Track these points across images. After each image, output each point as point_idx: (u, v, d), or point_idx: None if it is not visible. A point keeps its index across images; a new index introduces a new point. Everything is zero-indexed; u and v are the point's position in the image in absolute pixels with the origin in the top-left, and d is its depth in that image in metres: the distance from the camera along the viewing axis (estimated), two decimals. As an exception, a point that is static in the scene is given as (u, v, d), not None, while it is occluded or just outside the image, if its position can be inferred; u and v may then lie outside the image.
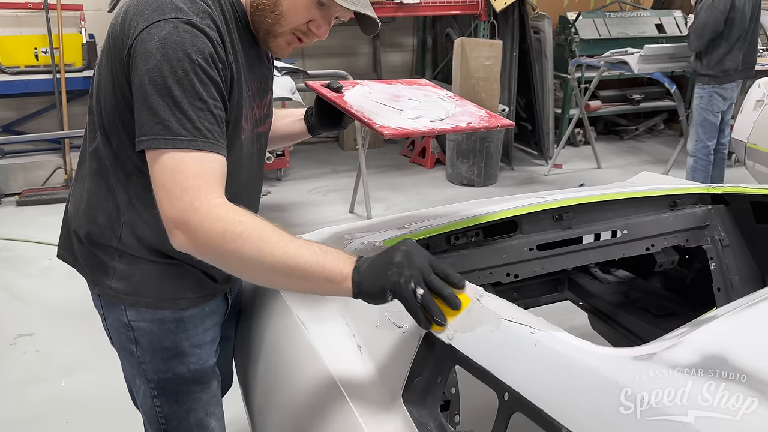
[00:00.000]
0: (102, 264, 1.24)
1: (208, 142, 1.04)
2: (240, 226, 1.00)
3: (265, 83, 1.32)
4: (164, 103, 1.02)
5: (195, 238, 1.01)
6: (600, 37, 5.84)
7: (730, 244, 1.85)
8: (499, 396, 0.90)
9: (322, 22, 1.19)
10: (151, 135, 1.03)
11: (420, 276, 0.97)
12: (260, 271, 1.02)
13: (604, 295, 2.14)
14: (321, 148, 6.00)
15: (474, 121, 1.51)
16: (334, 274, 1.00)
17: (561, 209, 1.74)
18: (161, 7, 1.05)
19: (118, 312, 1.26)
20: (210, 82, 1.06)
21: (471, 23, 5.39)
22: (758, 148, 3.80)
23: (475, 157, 4.99)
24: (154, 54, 1.02)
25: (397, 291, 0.97)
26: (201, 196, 1.01)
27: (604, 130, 6.56)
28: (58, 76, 4.67)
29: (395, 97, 1.56)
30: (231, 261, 1.02)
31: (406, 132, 1.40)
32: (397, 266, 0.97)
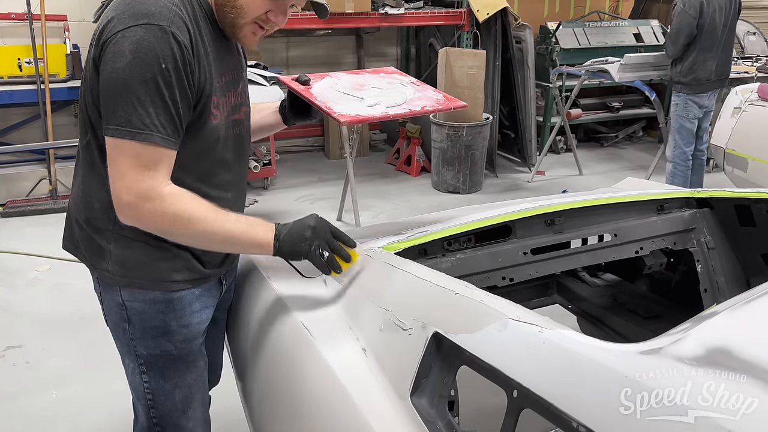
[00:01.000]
0: (99, 248, 1.36)
1: (162, 137, 1.20)
2: (187, 211, 1.24)
3: (237, 74, 1.44)
4: (128, 99, 1.16)
5: (146, 219, 1.23)
6: (580, 47, 5.95)
7: (716, 246, 1.91)
8: (508, 393, 0.93)
9: (278, 11, 1.32)
10: (115, 125, 1.18)
11: (325, 243, 1.35)
12: (201, 241, 1.30)
13: (592, 298, 2.18)
14: (306, 157, 6.02)
15: (429, 105, 1.62)
16: (259, 241, 1.32)
17: (553, 214, 1.78)
18: (136, 13, 1.18)
19: (113, 293, 1.37)
20: (175, 84, 1.19)
21: (454, 33, 5.47)
22: (737, 153, 3.90)
23: (460, 165, 5.04)
24: (126, 55, 1.16)
25: (309, 257, 1.35)
26: (155, 185, 1.21)
27: (584, 137, 6.67)
28: (42, 87, 4.64)
29: (359, 86, 1.66)
30: (176, 237, 1.28)
31: (362, 118, 1.52)
32: (308, 239, 1.34)
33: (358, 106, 1.54)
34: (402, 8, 5.11)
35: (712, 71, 4.25)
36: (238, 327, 1.65)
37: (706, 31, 4.15)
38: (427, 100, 1.64)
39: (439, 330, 1.09)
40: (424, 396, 1.08)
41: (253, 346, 1.55)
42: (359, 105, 1.55)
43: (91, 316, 3.15)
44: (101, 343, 2.92)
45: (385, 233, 1.78)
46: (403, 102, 1.60)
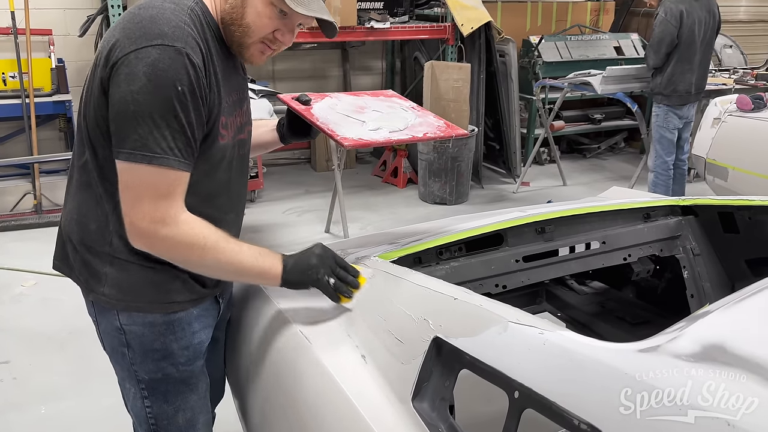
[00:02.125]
0: (95, 272, 1.32)
1: (177, 160, 1.18)
2: (203, 240, 1.23)
3: (243, 93, 1.43)
4: (144, 122, 1.13)
5: (160, 246, 1.22)
6: (562, 60, 6.05)
7: (701, 252, 1.96)
8: (510, 395, 0.95)
9: (286, 30, 1.31)
10: (129, 149, 1.15)
11: (330, 271, 1.36)
12: (213, 270, 1.31)
13: (581, 306, 2.22)
14: (293, 170, 6.04)
15: (431, 131, 1.62)
16: (267, 272, 1.33)
17: (543, 222, 1.82)
18: (148, 33, 1.15)
19: (110, 317, 1.33)
20: (190, 106, 1.17)
21: (439, 47, 5.54)
22: (717, 163, 3.99)
23: (447, 176, 5.09)
24: (140, 77, 1.13)
25: (317, 285, 1.36)
26: (171, 213, 1.19)
27: (567, 148, 6.77)
28: (27, 101, 4.62)
29: (360, 109, 1.67)
30: (188, 264, 1.28)
31: (365, 142, 1.53)
32: (313, 267, 1.35)
33: (360, 130, 1.54)
34: (387, 22, 5.17)
35: (692, 83, 4.34)
36: (235, 339, 1.65)
37: (684, 42, 4.24)
38: (429, 126, 1.65)
39: (439, 334, 1.11)
40: (425, 400, 1.10)
41: (250, 357, 1.55)
42: (361, 128, 1.55)
43: (79, 331, 3.13)
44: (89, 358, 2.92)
45: (378, 242, 1.81)
46: (405, 127, 1.60)
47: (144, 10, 1.19)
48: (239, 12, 1.26)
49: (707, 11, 4.30)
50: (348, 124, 1.55)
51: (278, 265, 1.33)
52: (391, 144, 1.61)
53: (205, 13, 1.26)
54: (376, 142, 1.56)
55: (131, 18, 1.19)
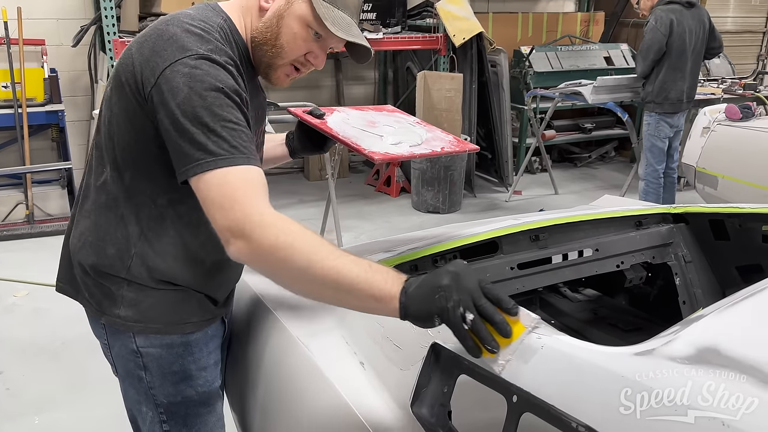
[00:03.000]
0: (109, 293, 1.27)
1: (245, 156, 1.10)
2: (291, 235, 1.04)
3: (262, 112, 1.41)
4: (198, 130, 1.08)
5: (251, 245, 1.04)
6: (553, 70, 6.11)
7: (692, 259, 1.98)
8: (508, 399, 0.97)
9: (319, 52, 1.28)
10: (194, 162, 1.08)
11: (470, 300, 0.93)
12: (309, 282, 1.04)
13: (574, 313, 2.24)
14: (286, 179, 6.05)
15: (446, 146, 1.65)
16: (382, 293, 1.00)
17: (537, 230, 1.84)
18: (182, 46, 1.12)
19: (125, 340, 1.29)
20: (236, 107, 1.12)
21: (431, 57, 5.58)
22: (707, 171, 4.04)
23: (440, 185, 5.12)
24: (181, 88, 1.09)
25: (445, 316, 0.94)
26: (250, 204, 1.07)
27: (558, 158, 6.82)
28: (20, 111, 4.61)
29: (371, 123, 1.67)
30: (281, 270, 1.06)
31: (392, 156, 1.52)
32: (445, 290, 0.95)
33: (382, 144, 1.54)
34: (380, 33, 5.21)
35: (683, 92, 4.39)
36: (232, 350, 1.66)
37: (675, 50, 4.29)
38: (442, 141, 1.68)
39: (437, 340, 1.12)
40: (424, 405, 1.11)
41: (248, 368, 1.56)
42: (382, 142, 1.54)
43: (72, 341, 3.12)
44: (83, 369, 2.91)
45: (375, 250, 1.82)
46: (422, 142, 1.62)
47: (172, 27, 1.15)
48: (274, 32, 1.23)
49: (698, 21, 4.36)
50: (367, 138, 1.54)
51: (396, 286, 1.00)
52: (415, 158, 1.63)
53: (233, 32, 1.24)
54: (402, 156, 1.54)
55: (159, 35, 1.15)
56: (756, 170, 3.72)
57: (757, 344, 0.77)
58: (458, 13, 5.28)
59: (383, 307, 1.01)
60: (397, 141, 1.58)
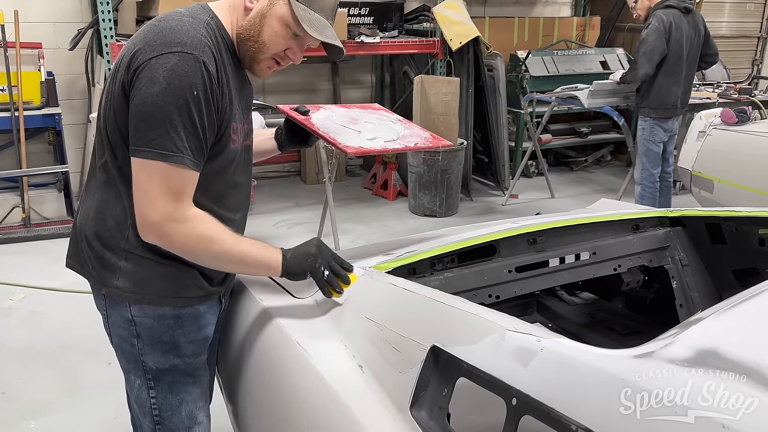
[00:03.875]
0: (110, 265, 1.40)
1: (191, 159, 1.27)
2: (210, 233, 1.33)
3: (249, 103, 1.54)
4: (162, 123, 1.23)
5: (170, 239, 1.30)
6: (549, 74, 6.13)
7: (689, 263, 1.99)
8: (507, 401, 0.97)
9: (296, 49, 1.43)
10: (147, 147, 1.24)
11: (327, 263, 1.45)
12: (218, 262, 1.38)
13: (571, 317, 2.24)
14: (283, 183, 6.05)
15: (420, 142, 1.76)
16: (270, 262, 1.42)
17: (535, 233, 1.85)
18: (169, 41, 1.26)
19: (122, 309, 1.42)
20: (204, 110, 1.27)
21: (428, 61, 5.59)
22: (702, 175, 4.05)
23: (437, 189, 5.13)
24: (160, 81, 1.23)
25: (313, 273, 1.43)
26: (181, 208, 1.28)
27: (555, 161, 6.83)
28: (17, 114, 4.60)
29: (354, 120, 1.78)
30: (196, 257, 1.36)
31: (366, 150, 1.65)
32: (312, 256, 1.44)
33: (358, 139, 1.65)
34: (377, 37, 5.22)
35: (678, 97, 4.41)
36: (229, 348, 1.66)
37: (672, 55, 4.30)
38: (418, 137, 1.78)
39: (436, 343, 1.12)
40: (423, 408, 1.12)
41: (246, 367, 1.56)
42: (358, 137, 1.66)
43: (68, 345, 3.11)
44: (79, 372, 2.90)
45: (373, 253, 1.82)
46: (397, 138, 1.73)
47: (164, 22, 1.30)
48: (257, 29, 1.37)
49: (693, 27, 4.37)
50: (346, 133, 1.66)
51: (279, 256, 1.42)
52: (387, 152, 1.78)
53: (220, 28, 1.37)
54: (375, 150, 1.67)
55: (152, 29, 1.30)
56: (751, 174, 3.74)
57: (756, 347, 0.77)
58: (455, 17, 5.29)
59: (272, 271, 1.43)
60: (373, 136, 1.69)
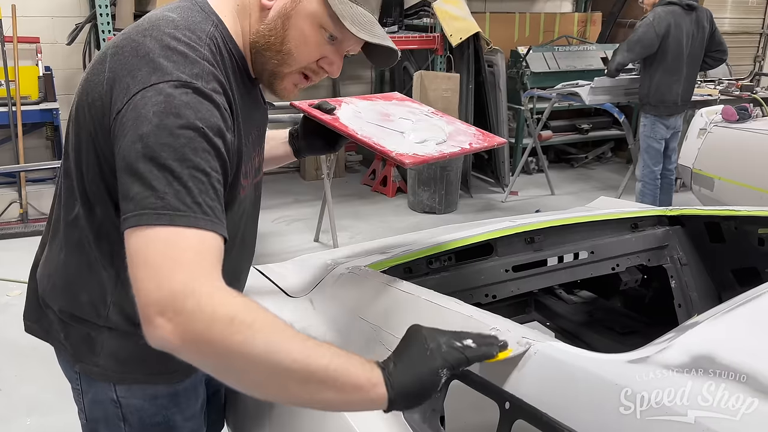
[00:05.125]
0: (86, 339, 1.10)
1: (209, 220, 0.88)
2: (251, 313, 0.82)
3: (263, 128, 1.22)
4: (159, 173, 0.86)
5: (189, 327, 0.80)
6: (549, 70, 6.10)
7: (688, 262, 1.98)
8: (500, 405, 0.96)
9: (334, 57, 1.08)
10: (141, 209, 0.85)
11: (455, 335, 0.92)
12: (270, 373, 0.82)
13: (569, 315, 2.23)
14: (282, 178, 6.03)
15: (473, 141, 1.46)
16: (361, 380, 0.84)
17: (532, 232, 1.83)
18: (159, 67, 0.91)
19: (103, 388, 1.13)
20: (214, 152, 0.92)
21: (428, 57, 5.57)
22: (703, 173, 4.03)
23: (436, 185, 5.11)
24: (150, 118, 0.88)
25: (452, 357, 0.88)
26: (200, 275, 0.83)
27: (555, 158, 6.81)
28: (14, 109, 4.59)
29: (386, 116, 1.46)
30: (233, 358, 0.81)
31: (424, 158, 1.29)
32: (430, 341, 0.90)
33: (405, 142, 1.32)
34: (377, 32, 5.19)
35: (678, 95, 4.38)
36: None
37: (671, 53, 4.28)
38: (467, 135, 1.48)
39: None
40: (416, 411, 1.10)
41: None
42: (404, 140, 1.34)
43: (65, 341, 3.10)
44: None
45: (369, 252, 1.81)
46: (447, 138, 1.42)
47: (151, 40, 0.94)
48: (279, 35, 1.03)
49: (696, 24, 4.34)
50: (388, 136, 1.33)
51: (375, 368, 0.87)
52: (445, 158, 1.39)
53: (226, 39, 1.03)
54: (433, 157, 1.31)
55: (134, 48, 0.94)
56: (752, 172, 3.71)
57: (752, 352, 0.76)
58: (455, 12, 5.26)
59: (363, 396, 0.85)
60: (421, 139, 1.36)
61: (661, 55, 4.29)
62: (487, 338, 0.93)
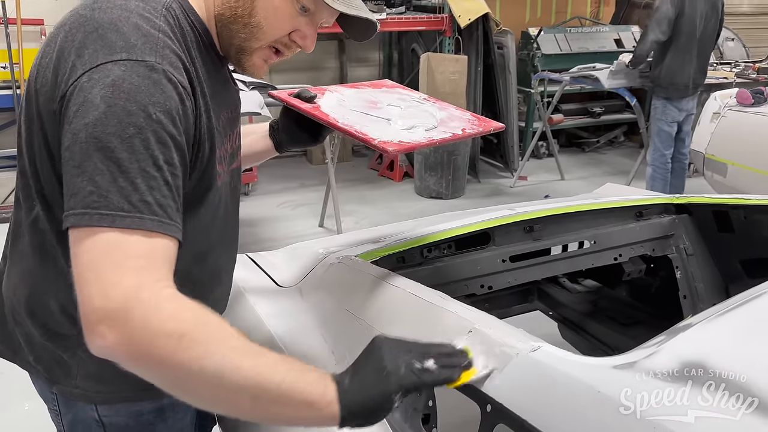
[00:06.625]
0: (61, 361, 1.01)
1: (159, 220, 0.80)
2: (201, 329, 0.77)
3: (235, 110, 1.13)
4: (104, 167, 0.78)
5: (133, 340, 0.75)
6: (561, 52, 5.98)
7: (695, 252, 1.91)
8: (482, 408, 0.91)
9: (307, 30, 1.01)
10: (83, 208, 0.78)
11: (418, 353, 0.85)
12: (219, 391, 0.77)
13: (572, 305, 2.18)
14: (288, 162, 5.98)
15: (467, 127, 1.40)
16: (314, 397, 0.79)
17: (531, 221, 1.77)
18: (109, 44, 0.82)
19: (83, 408, 1.05)
20: (171, 142, 0.83)
21: (436, 39, 5.47)
22: (716, 158, 3.93)
23: (443, 170, 5.04)
24: (96, 104, 0.79)
25: (407, 382, 0.81)
26: (148, 282, 0.77)
27: (566, 142, 6.70)
28: (18, 92, 4.57)
29: (372, 104, 1.41)
30: (179, 374, 0.77)
31: (409, 146, 1.24)
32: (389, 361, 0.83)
33: (391, 130, 1.27)
34: (384, 13, 5.11)
35: (690, 77, 4.28)
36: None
37: (684, 33, 4.17)
38: (460, 120, 1.42)
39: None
40: (397, 410, 1.05)
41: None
42: (391, 128, 1.28)
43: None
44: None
45: (363, 241, 1.76)
46: (438, 123, 1.37)
47: (99, 12, 0.86)
48: (247, 7, 0.96)
49: (710, 6, 4.23)
50: (373, 123, 1.27)
51: (330, 385, 0.81)
52: (434, 145, 1.34)
53: (187, 11, 0.95)
54: (420, 144, 1.26)
55: (81, 24, 0.86)
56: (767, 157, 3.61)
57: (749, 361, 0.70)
58: (464, -7, 5.16)
59: (316, 415, 0.80)
60: (409, 125, 1.31)
61: (675, 35, 4.18)
62: (452, 358, 0.87)
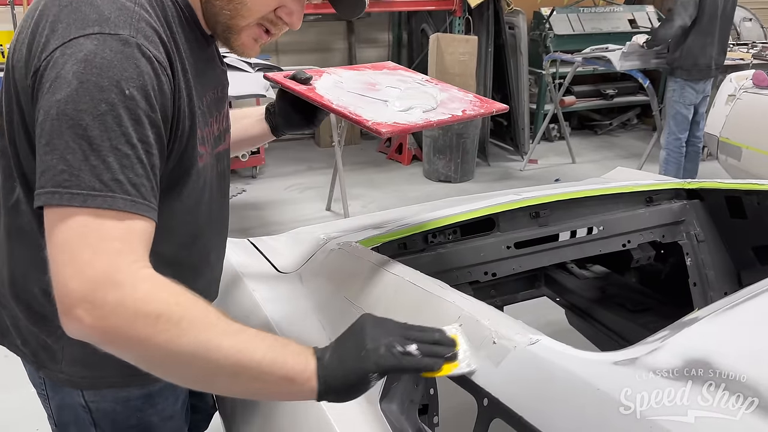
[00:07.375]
0: (46, 345, 1.00)
1: (131, 200, 0.78)
2: (178, 309, 0.77)
3: (222, 90, 1.10)
4: (76, 145, 0.76)
5: (110, 322, 0.74)
6: (574, 33, 5.87)
7: (706, 239, 1.86)
8: (479, 402, 0.88)
9: (294, 6, 0.97)
10: (53, 186, 0.76)
11: (401, 336, 0.84)
12: (198, 369, 0.78)
13: (580, 291, 2.14)
14: (296, 145, 5.95)
15: (468, 108, 1.36)
16: (295, 371, 0.80)
17: (538, 206, 1.73)
18: (82, 17, 0.80)
19: (70, 393, 1.05)
20: (146, 120, 0.81)
21: (446, 19, 5.38)
22: (730, 142, 3.84)
23: (452, 153, 4.98)
24: (69, 80, 0.77)
25: (385, 363, 0.81)
26: (123, 264, 0.76)
27: (578, 125, 6.61)
28: (25, 74, 4.55)
29: (371, 86, 1.38)
30: (158, 355, 0.77)
31: (404, 127, 1.21)
32: (370, 340, 0.82)
33: (388, 112, 1.24)
34: (393, -7, 5.03)
35: (712, 58, 4.19)
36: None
37: (707, 13, 4.08)
38: (461, 102, 1.38)
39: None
40: (394, 401, 1.03)
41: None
42: (387, 110, 1.26)
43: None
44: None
45: (364, 226, 1.73)
46: (437, 105, 1.33)
47: None
48: None
49: None
50: (369, 105, 1.25)
51: (310, 360, 0.82)
52: (432, 126, 1.30)
53: None
54: (416, 125, 1.23)
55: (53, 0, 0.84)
56: (783, 141, 3.53)
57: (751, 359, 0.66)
58: (475, -28, 5.06)
59: (297, 389, 0.81)
60: (406, 106, 1.28)
61: (698, 16, 4.08)
62: (437, 347, 0.85)
